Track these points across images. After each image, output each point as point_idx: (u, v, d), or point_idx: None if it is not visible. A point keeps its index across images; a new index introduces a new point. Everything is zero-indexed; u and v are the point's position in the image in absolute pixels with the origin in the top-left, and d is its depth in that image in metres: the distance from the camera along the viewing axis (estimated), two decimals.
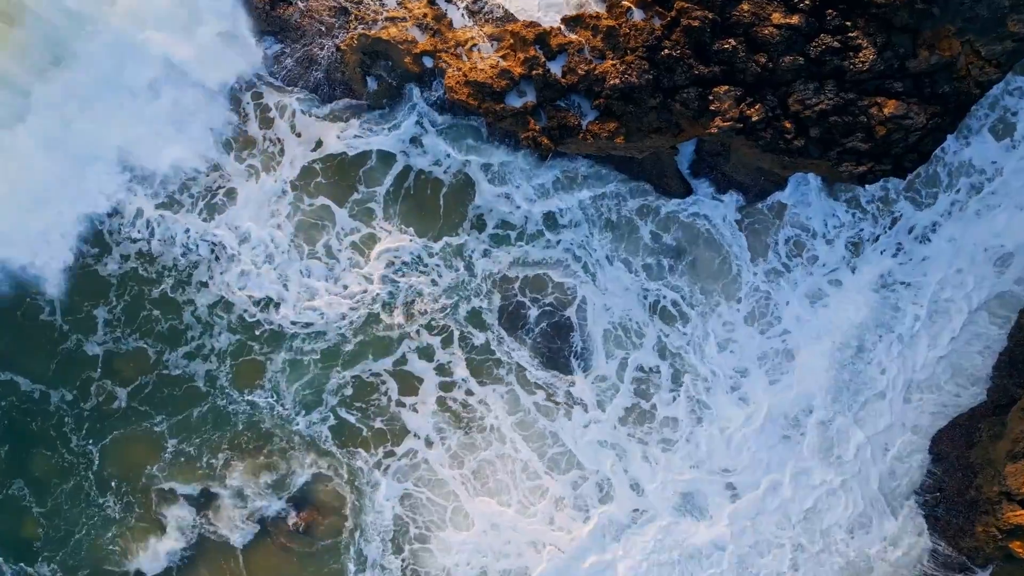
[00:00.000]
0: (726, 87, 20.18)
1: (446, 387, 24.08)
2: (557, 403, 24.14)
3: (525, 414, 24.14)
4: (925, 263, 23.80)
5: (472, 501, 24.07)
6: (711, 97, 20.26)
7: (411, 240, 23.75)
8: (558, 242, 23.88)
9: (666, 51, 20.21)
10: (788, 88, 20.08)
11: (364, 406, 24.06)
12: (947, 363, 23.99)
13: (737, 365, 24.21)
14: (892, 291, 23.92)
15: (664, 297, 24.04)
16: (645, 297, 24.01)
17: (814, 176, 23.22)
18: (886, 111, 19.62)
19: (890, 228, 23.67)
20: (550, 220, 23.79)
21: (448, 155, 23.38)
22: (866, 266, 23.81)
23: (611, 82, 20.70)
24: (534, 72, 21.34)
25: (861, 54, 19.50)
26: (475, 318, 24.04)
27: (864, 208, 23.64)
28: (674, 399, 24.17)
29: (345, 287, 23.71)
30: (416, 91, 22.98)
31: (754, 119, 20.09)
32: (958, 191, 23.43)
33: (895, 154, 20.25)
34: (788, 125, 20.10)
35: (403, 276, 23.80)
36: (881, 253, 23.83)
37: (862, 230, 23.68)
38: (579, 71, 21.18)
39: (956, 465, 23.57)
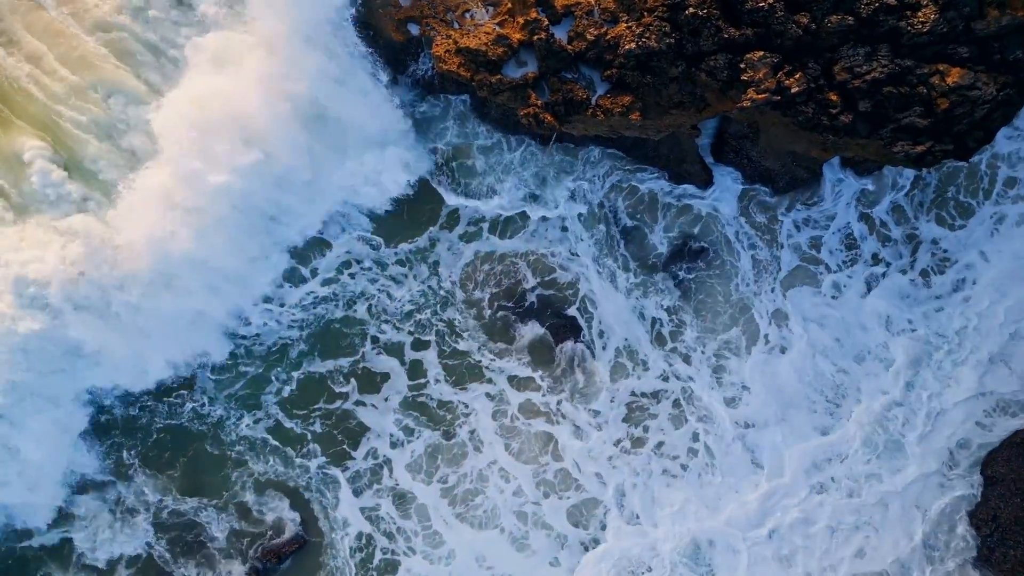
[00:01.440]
0: (761, 53, 17.36)
1: (416, 388, 21.71)
2: (553, 420, 21.80)
3: (512, 421, 21.82)
4: (960, 281, 21.88)
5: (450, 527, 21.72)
6: (743, 65, 17.46)
7: (371, 241, 21.37)
8: (547, 230, 21.70)
9: (690, 10, 17.44)
10: (834, 54, 17.32)
11: (310, 412, 21.56)
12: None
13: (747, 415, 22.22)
14: (917, 317, 21.94)
15: (662, 323, 22.08)
16: (642, 314, 21.84)
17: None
18: (949, 81, 16.85)
19: (913, 253, 21.74)
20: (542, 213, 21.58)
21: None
22: (887, 289, 21.87)
23: (626, 47, 17.90)
24: (535, 38, 18.63)
25: (920, 13, 16.74)
26: (450, 324, 21.68)
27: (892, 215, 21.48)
28: (681, 425, 22.11)
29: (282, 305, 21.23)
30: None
31: (793, 90, 17.28)
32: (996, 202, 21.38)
33: (958, 131, 17.50)
34: (834, 97, 17.34)
35: (367, 280, 21.45)
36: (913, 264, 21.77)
37: (886, 262, 21.78)
38: (588, 36, 18.53)
39: (1013, 490, 21.36)
